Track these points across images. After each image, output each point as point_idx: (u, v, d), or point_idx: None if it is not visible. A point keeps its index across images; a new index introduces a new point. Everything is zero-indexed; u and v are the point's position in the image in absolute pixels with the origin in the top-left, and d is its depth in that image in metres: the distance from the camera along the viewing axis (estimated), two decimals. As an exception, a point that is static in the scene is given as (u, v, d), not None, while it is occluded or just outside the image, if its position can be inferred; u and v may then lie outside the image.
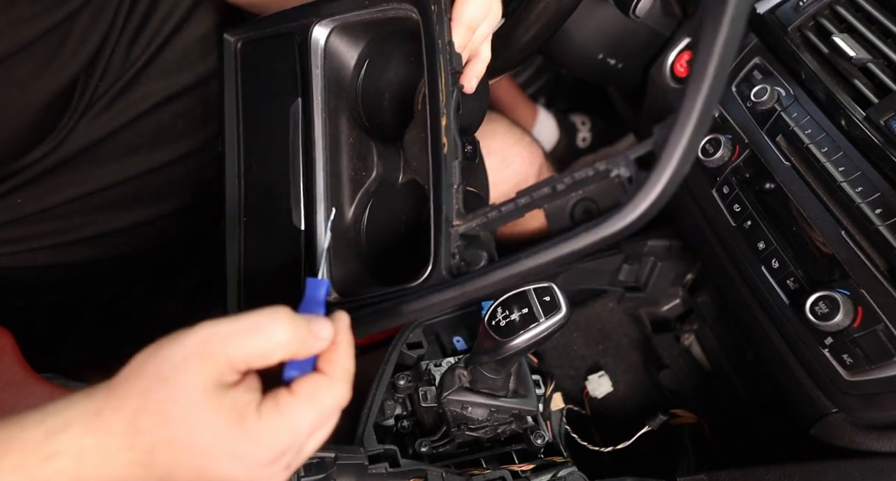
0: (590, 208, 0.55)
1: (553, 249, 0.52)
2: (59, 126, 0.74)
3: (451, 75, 0.65)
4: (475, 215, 0.60)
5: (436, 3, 0.66)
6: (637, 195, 0.48)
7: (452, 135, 0.63)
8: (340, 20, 0.73)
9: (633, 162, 0.51)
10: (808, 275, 0.79)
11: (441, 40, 0.66)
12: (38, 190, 0.77)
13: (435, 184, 0.62)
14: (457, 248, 0.60)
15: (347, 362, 0.50)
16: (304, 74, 0.74)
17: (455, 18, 0.68)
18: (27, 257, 0.80)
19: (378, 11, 0.71)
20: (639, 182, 0.48)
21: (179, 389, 0.44)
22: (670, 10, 1.06)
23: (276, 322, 0.46)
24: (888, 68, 0.77)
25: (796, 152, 0.81)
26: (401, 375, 0.89)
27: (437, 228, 0.61)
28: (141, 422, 0.44)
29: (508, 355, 0.75)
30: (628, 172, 0.50)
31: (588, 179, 0.53)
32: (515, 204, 0.57)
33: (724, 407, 1.12)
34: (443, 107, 0.64)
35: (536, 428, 0.88)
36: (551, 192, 0.55)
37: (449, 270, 0.59)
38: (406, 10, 0.70)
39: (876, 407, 0.75)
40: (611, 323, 1.24)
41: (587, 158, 1.72)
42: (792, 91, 0.84)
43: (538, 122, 1.68)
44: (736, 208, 0.88)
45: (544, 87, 1.81)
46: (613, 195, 0.56)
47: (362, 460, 0.76)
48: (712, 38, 0.46)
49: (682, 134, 0.47)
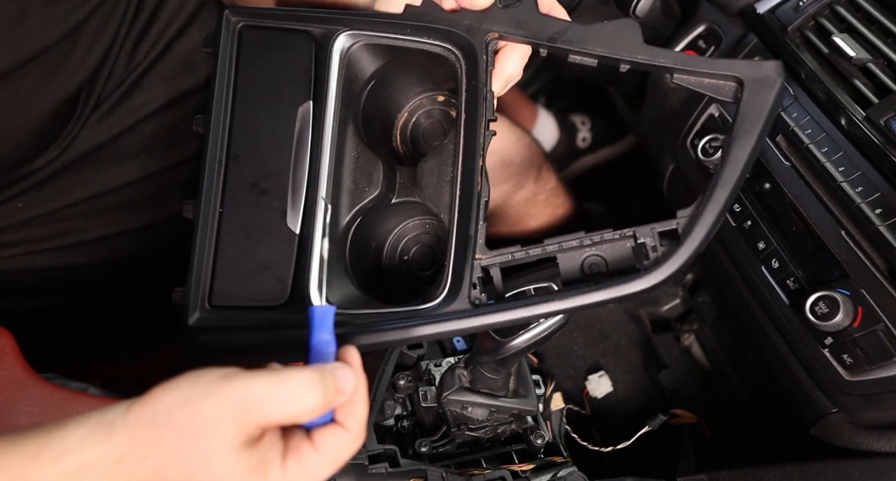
0: (598, 263, 0.63)
1: (576, 298, 0.60)
2: (65, 133, 0.74)
3: (488, 121, 0.69)
4: (500, 253, 0.65)
5: (486, 54, 0.69)
6: (661, 266, 0.58)
7: (485, 177, 0.68)
8: (370, 37, 0.73)
9: (657, 234, 0.61)
10: (808, 275, 0.79)
11: (485, 88, 0.69)
12: (40, 195, 0.77)
13: (463, 217, 0.67)
14: (477, 280, 0.65)
15: (364, 412, 0.51)
16: (320, 79, 0.73)
17: (497, 70, 0.71)
18: (27, 260, 0.80)
19: (415, 42, 0.72)
20: (664, 255, 0.59)
21: (211, 449, 0.45)
22: (670, 10, 1.06)
23: (312, 390, 0.47)
24: (888, 68, 0.77)
25: (796, 152, 0.82)
26: (401, 375, 0.89)
27: (460, 258, 0.65)
28: (168, 474, 0.45)
29: (508, 355, 0.75)
30: (653, 242, 0.61)
31: (613, 240, 0.63)
32: (543, 249, 0.64)
33: (724, 407, 1.12)
34: (480, 149, 0.68)
35: (536, 428, 0.88)
36: (578, 245, 0.63)
37: (471, 300, 0.64)
38: (448, 50, 0.71)
39: (876, 407, 0.75)
40: (611, 323, 1.24)
41: (586, 159, 1.72)
42: (792, 91, 0.84)
43: (538, 122, 1.68)
44: (736, 208, 0.88)
45: (544, 87, 1.81)
46: (624, 257, 0.64)
47: (362, 460, 0.76)
48: (744, 149, 0.59)
49: (706, 222, 0.58)
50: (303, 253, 0.70)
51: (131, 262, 0.89)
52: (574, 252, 0.64)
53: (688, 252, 0.59)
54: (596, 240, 0.63)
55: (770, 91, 0.60)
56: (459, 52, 0.71)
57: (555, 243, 0.64)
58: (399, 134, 0.83)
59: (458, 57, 0.71)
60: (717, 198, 0.59)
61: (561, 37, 0.68)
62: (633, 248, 0.63)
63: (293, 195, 0.71)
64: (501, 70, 0.71)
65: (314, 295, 0.68)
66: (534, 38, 0.69)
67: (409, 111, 0.83)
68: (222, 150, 0.73)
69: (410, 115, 0.83)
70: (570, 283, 0.64)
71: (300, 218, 0.71)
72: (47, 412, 0.69)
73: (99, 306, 0.96)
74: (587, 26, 0.68)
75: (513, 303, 0.62)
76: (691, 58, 0.64)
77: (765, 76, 0.61)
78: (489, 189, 0.68)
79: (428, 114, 0.83)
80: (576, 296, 0.60)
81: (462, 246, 0.66)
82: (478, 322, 0.63)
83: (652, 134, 1.16)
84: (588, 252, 0.64)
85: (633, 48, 0.65)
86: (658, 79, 1.08)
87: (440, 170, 0.72)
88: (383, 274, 0.80)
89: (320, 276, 0.68)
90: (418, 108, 0.83)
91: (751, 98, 0.61)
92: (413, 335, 0.63)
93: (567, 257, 0.64)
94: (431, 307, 0.65)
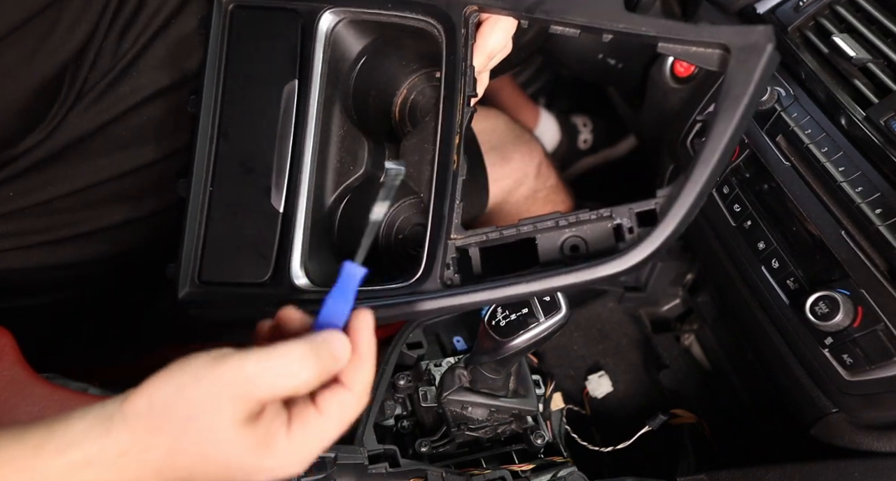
0: (578, 245, 0.61)
1: (548, 280, 0.58)
2: (49, 116, 0.74)
3: (468, 97, 0.68)
4: (475, 233, 0.64)
5: (465, 27, 0.68)
6: (637, 247, 0.55)
7: (462, 154, 0.66)
8: (354, 13, 0.73)
9: (635, 215, 0.58)
10: (808, 275, 0.79)
11: (464, 63, 0.68)
12: (29, 183, 0.77)
13: (439, 197, 0.65)
14: (451, 260, 0.64)
15: (370, 375, 0.51)
16: (305, 58, 0.73)
17: (479, 45, 0.70)
18: (20, 255, 0.80)
19: (398, 16, 0.71)
20: (640, 236, 0.56)
21: (214, 430, 0.45)
22: (670, 10, 1.06)
23: (304, 363, 0.47)
24: (888, 68, 0.77)
25: (796, 152, 0.81)
26: (401, 375, 0.89)
27: (434, 238, 0.64)
28: (177, 461, 0.46)
29: (508, 355, 0.75)
30: (630, 223, 0.58)
31: (589, 221, 0.60)
32: (518, 230, 0.62)
33: (724, 407, 1.12)
34: (457, 126, 0.66)
35: (536, 428, 0.88)
36: (553, 226, 0.61)
37: (443, 281, 0.63)
38: (429, 24, 0.70)
39: (876, 407, 0.75)
40: (611, 323, 1.24)
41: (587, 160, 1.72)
42: (792, 91, 0.84)
43: (540, 124, 1.68)
44: (736, 208, 0.88)
45: (544, 87, 1.81)
46: (603, 238, 0.61)
47: (362, 460, 0.76)
48: (728, 124, 0.54)
49: (685, 202, 0.54)
50: (286, 230, 0.71)
51: (127, 257, 0.89)
52: (552, 232, 0.62)
53: (665, 232, 0.55)
54: (572, 220, 0.61)
55: (758, 59, 0.55)
56: (440, 26, 0.69)
57: (529, 223, 0.62)
58: (398, 111, 0.83)
59: (440, 31, 0.70)
60: (697, 177, 0.55)
61: (541, 6, 0.65)
62: (614, 229, 0.60)
63: (277, 174, 0.72)
64: (483, 44, 0.70)
65: (296, 272, 0.69)
66: (512, 8, 0.67)
67: (408, 88, 0.82)
68: (213, 128, 0.74)
69: (409, 92, 0.82)
70: (549, 264, 0.62)
71: (283, 196, 0.72)
72: (47, 412, 0.69)
73: (98, 305, 0.96)
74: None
75: (483, 285, 0.61)
76: (676, 24, 0.60)
77: (753, 42, 0.55)
78: (467, 167, 0.67)
79: (425, 91, 0.82)
80: (547, 278, 0.58)
81: (437, 225, 0.65)
82: (447, 302, 0.62)
83: (652, 134, 1.16)
84: (567, 233, 0.61)
85: (614, 16, 0.62)
86: (658, 78, 1.08)
87: (422, 147, 0.72)
88: (379, 252, 0.80)
89: (303, 254, 0.69)
90: (416, 86, 0.82)
91: (737, 67, 0.55)
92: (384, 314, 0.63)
93: (545, 238, 0.62)
94: (404, 287, 0.64)
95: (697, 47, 0.59)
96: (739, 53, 0.56)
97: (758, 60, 0.55)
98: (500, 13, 0.69)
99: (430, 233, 0.65)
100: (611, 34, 0.62)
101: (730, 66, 0.56)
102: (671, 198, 0.55)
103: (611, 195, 1.62)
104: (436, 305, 0.62)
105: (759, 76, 0.55)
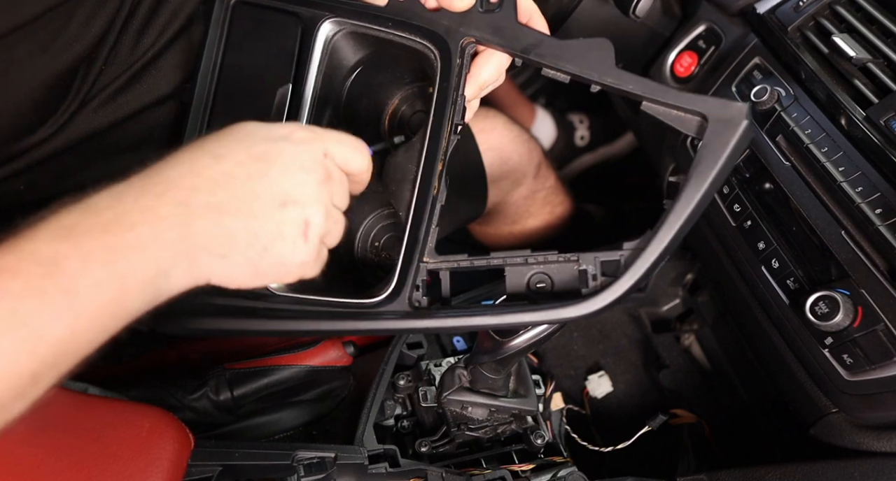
0: (544, 280, 0.64)
1: (512, 315, 0.62)
2: (61, 109, 0.74)
3: (455, 125, 0.69)
4: (447, 259, 0.66)
5: (461, 57, 0.69)
6: (599, 295, 0.59)
7: (443, 180, 0.68)
8: (354, 25, 0.74)
9: (600, 263, 0.62)
10: (808, 275, 0.79)
11: (456, 92, 0.69)
12: (40, 176, 0.77)
13: (416, 220, 0.67)
14: (421, 282, 0.65)
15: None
16: (301, 63, 0.74)
17: (473, 75, 0.70)
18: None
19: (397, 36, 0.72)
20: (602, 284, 0.61)
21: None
22: (670, 10, 1.06)
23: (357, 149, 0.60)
24: (888, 68, 0.77)
25: (796, 152, 0.82)
26: (401, 375, 0.89)
27: (407, 260, 0.66)
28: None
29: (508, 355, 0.75)
30: (594, 270, 0.62)
31: (557, 263, 0.64)
32: (488, 262, 0.65)
33: (724, 407, 1.12)
34: (442, 153, 0.68)
35: (536, 428, 0.88)
36: (523, 262, 0.64)
37: (411, 302, 0.65)
38: (427, 47, 0.71)
39: (876, 407, 0.75)
40: (611, 323, 1.24)
41: (586, 158, 1.72)
42: (792, 91, 0.84)
43: (536, 121, 1.68)
44: (736, 208, 0.88)
45: (544, 87, 1.81)
46: (568, 280, 0.64)
47: (362, 460, 0.76)
48: (697, 190, 0.58)
49: (648, 258, 0.59)
50: None
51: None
52: (521, 267, 0.64)
53: (627, 284, 0.59)
54: (540, 260, 0.64)
55: (733, 133, 0.58)
56: (437, 51, 0.70)
57: (500, 257, 0.65)
58: (388, 120, 0.84)
59: (436, 56, 0.70)
60: (662, 236, 0.59)
61: (535, 49, 0.67)
62: (579, 272, 0.63)
63: None
64: (477, 75, 0.71)
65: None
66: (508, 46, 0.69)
67: (400, 99, 0.83)
68: (203, 123, 0.74)
69: (401, 103, 0.83)
70: (514, 297, 0.65)
71: None
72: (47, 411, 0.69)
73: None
74: (563, 41, 0.67)
75: (449, 312, 0.64)
76: (660, 88, 0.63)
77: (729, 117, 0.59)
78: (446, 193, 0.68)
79: (416, 104, 0.83)
80: (512, 314, 0.62)
81: (411, 247, 0.66)
82: (412, 324, 0.64)
83: (651, 134, 1.16)
84: (535, 269, 0.64)
85: (604, 70, 0.65)
86: (658, 78, 1.08)
87: (405, 167, 0.72)
88: (356, 261, 0.81)
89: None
90: (408, 98, 0.83)
91: (712, 138, 0.59)
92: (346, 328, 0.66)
93: (514, 271, 0.64)
94: (372, 303, 0.66)
95: (678, 112, 0.62)
96: (716, 125, 0.59)
97: (732, 134, 0.58)
98: (495, 48, 0.70)
99: (403, 255, 0.67)
100: (599, 86, 0.65)
101: (706, 135, 0.59)
102: (636, 252, 0.59)
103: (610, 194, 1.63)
104: (400, 326, 0.65)
105: (732, 149, 0.58)
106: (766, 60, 0.89)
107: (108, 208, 0.48)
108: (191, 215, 0.50)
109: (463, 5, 0.69)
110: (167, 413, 0.65)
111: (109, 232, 0.47)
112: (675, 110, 0.62)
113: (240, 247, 0.52)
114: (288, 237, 0.53)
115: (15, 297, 0.42)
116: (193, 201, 0.50)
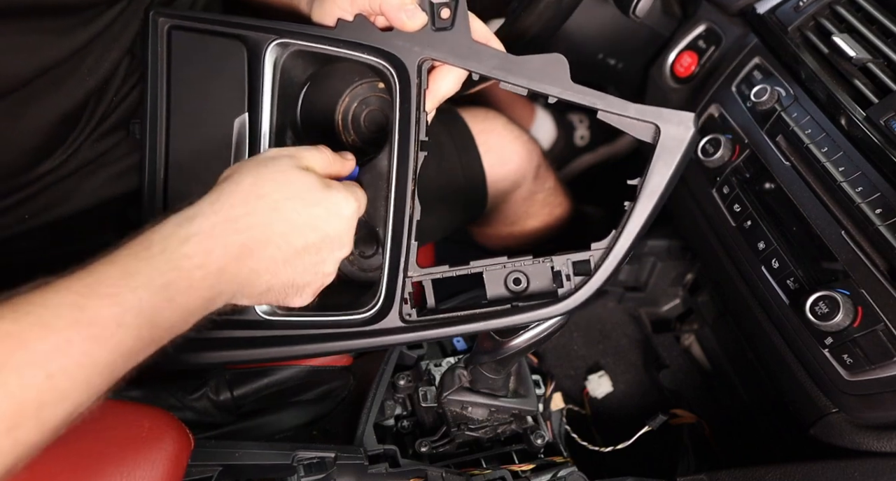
0: (519, 280, 0.70)
1: (495, 320, 0.68)
2: (69, 140, 0.74)
3: (420, 142, 0.70)
4: (430, 271, 0.70)
5: (419, 76, 0.69)
6: (576, 294, 0.67)
7: (416, 198, 0.70)
8: (302, 47, 0.72)
9: (572, 264, 0.68)
10: (808, 275, 0.79)
11: (418, 111, 0.69)
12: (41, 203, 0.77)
13: (396, 240, 0.70)
14: (409, 295, 0.69)
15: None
16: (253, 90, 0.72)
17: (432, 90, 0.70)
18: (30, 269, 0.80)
19: (352, 56, 0.71)
20: (577, 285, 0.67)
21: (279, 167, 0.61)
22: (670, 10, 1.06)
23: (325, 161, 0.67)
24: (888, 68, 0.77)
25: (796, 152, 0.82)
26: (401, 375, 0.89)
27: (392, 275, 0.69)
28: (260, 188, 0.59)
29: (508, 355, 0.75)
30: (567, 271, 0.68)
31: (531, 266, 0.69)
32: (469, 269, 0.70)
33: (724, 407, 1.12)
34: (412, 172, 0.69)
35: (536, 428, 0.88)
36: (501, 268, 0.70)
37: (402, 316, 0.69)
38: (381, 65, 0.70)
39: (876, 407, 0.75)
40: (611, 323, 1.24)
41: (586, 158, 1.72)
42: (792, 91, 0.84)
43: (536, 121, 1.68)
44: (736, 208, 0.88)
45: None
46: (542, 277, 0.70)
47: (362, 460, 0.76)
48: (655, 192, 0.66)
49: (616, 256, 0.67)
50: None
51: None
52: (499, 271, 0.70)
53: (598, 282, 0.67)
54: (517, 266, 0.69)
55: (681, 141, 0.66)
56: (393, 70, 0.70)
57: (479, 265, 0.70)
58: (340, 119, 0.82)
59: (392, 75, 0.70)
60: (626, 237, 0.66)
61: (492, 66, 0.68)
62: (553, 273, 0.69)
63: None
64: (436, 90, 0.70)
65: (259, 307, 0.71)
66: (464, 65, 0.69)
67: (350, 96, 0.82)
68: (163, 161, 0.75)
69: (351, 100, 0.82)
70: (495, 300, 0.70)
71: None
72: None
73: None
74: (518, 58, 0.68)
75: (439, 319, 0.68)
76: (616, 100, 0.67)
77: (676, 127, 0.66)
78: (420, 207, 0.70)
79: (367, 101, 0.82)
80: (495, 319, 0.67)
81: (394, 266, 0.69)
82: (405, 337, 0.69)
83: (652, 134, 1.16)
84: (513, 274, 0.70)
85: (560, 84, 0.68)
86: (658, 78, 1.08)
87: (376, 184, 0.72)
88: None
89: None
90: (358, 95, 0.82)
91: (665, 143, 0.66)
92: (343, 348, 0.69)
93: (493, 276, 0.70)
94: (364, 320, 0.69)
95: (633, 120, 0.68)
96: (667, 132, 0.66)
97: (681, 142, 0.66)
98: (454, 66, 0.70)
99: (387, 273, 0.69)
100: (556, 99, 0.68)
101: (659, 142, 0.66)
102: (606, 251, 0.67)
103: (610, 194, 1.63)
104: (394, 340, 0.69)
105: (682, 154, 0.66)
106: (766, 60, 0.89)
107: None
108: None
109: (414, 26, 0.68)
110: (167, 413, 0.65)
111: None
112: (630, 119, 0.68)
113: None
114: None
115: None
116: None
